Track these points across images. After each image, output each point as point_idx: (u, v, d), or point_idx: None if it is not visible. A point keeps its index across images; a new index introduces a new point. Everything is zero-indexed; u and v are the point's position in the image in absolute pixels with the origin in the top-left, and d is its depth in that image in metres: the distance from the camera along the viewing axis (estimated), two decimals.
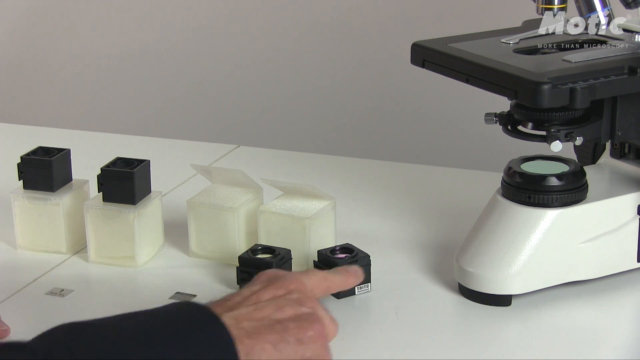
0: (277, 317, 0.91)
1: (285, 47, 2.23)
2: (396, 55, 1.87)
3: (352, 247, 1.14)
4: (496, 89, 1.09)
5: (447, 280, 1.15)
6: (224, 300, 0.93)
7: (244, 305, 0.91)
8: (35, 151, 1.24)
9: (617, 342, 1.06)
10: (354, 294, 1.12)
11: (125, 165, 1.20)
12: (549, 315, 1.08)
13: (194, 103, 2.33)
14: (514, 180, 1.11)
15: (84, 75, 2.40)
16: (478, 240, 1.11)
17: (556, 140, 1.09)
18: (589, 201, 1.11)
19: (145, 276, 1.18)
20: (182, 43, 2.31)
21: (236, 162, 1.50)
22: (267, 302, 0.92)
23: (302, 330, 0.90)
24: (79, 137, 1.64)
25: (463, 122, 2.08)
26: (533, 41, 1.18)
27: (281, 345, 0.89)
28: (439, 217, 1.32)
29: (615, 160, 1.20)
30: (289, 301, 0.93)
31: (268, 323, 0.90)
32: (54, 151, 1.24)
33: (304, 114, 2.24)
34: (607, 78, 1.06)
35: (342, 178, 1.45)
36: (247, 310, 0.91)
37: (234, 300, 0.92)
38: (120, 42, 2.36)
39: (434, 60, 1.17)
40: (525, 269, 1.08)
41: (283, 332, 0.90)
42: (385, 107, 2.18)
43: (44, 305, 1.12)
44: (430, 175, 1.48)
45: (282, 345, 0.89)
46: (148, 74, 2.34)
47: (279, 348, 0.89)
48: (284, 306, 0.92)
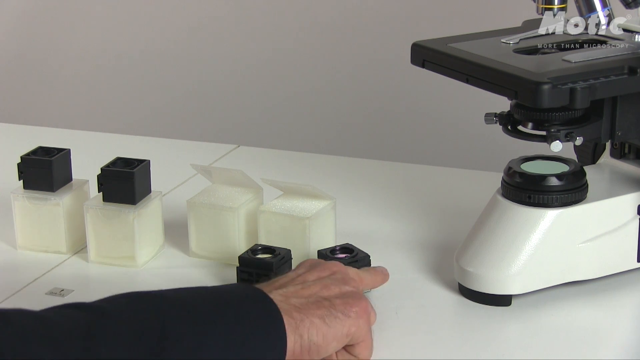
0: (323, 295, 0.97)
1: (285, 47, 2.23)
2: (396, 55, 1.87)
3: (352, 247, 1.14)
4: (496, 89, 1.09)
5: (447, 280, 1.15)
6: (273, 281, 0.99)
7: (291, 285, 0.98)
8: (35, 151, 1.24)
9: (617, 342, 1.06)
10: None
11: (125, 165, 1.20)
12: (549, 315, 1.08)
13: (194, 103, 2.33)
14: (514, 180, 1.11)
15: (84, 75, 2.41)
16: (478, 240, 1.11)
17: (556, 140, 1.09)
18: (589, 201, 1.11)
19: (145, 276, 1.18)
20: (182, 43, 2.31)
21: (236, 162, 1.50)
22: (313, 282, 0.98)
23: (348, 306, 0.96)
24: (79, 137, 1.64)
25: (463, 122, 2.08)
26: (533, 41, 1.18)
27: (329, 319, 0.95)
28: (439, 217, 1.32)
29: (615, 160, 1.20)
30: (333, 280, 0.99)
31: (315, 299, 0.96)
32: (54, 151, 1.24)
33: (304, 114, 2.24)
34: (607, 78, 1.06)
35: (342, 178, 1.45)
36: (295, 288, 0.97)
37: (281, 281, 0.99)
38: (120, 42, 2.36)
39: (434, 60, 1.17)
40: (525, 269, 1.08)
41: (330, 307, 0.95)
42: (385, 107, 2.18)
43: (44, 305, 1.12)
44: (430, 175, 1.48)
45: (330, 318, 0.95)
46: (148, 74, 2.34)
47: (327, 321, 0.94)
48: (329, 284, 0.98)
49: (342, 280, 1.00)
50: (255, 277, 1.10)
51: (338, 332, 0.95)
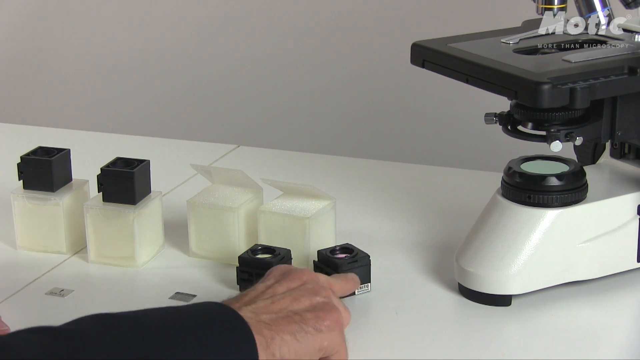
0: (294, 309, 0.94)
1: (285, 47, 2.23)
2: (396, 55, 1.87)
3: (352, 247, 1.14)
4: (496, 89, 1.09)
5: (447, 280, 1.15)
6: (241, 296, 0.96)
7: (260, 299, 0.95)
8: (35, 151, 1.24)
9: (617, 342, 1.06)
10: (354, 294, 1.12)
11: (125, 165, 1.20)
12: (549, 315, 1.08)
13: (194, 103, 2.33)
14: (514, 180, 1.11)
15: (84, 75, 2.40)
16: (478, 240, 1.11)
17: (556, 140, 1.09)
18: (589, 201, 1.11)
19: (145, 276, 1.18)
20: (182, 43, 2.31)
21: (236, 162, 1.50)
22: (282, 295, 0.95)
23: (319, 320, 0.94)
24: (79, 137, 1.64)
25: (463, 122, 2.08)
26: (533, 41, 1.18)
27: (300, 335, 0.92)
28: (439, 217, 1.32)
29: (615, 160, 1.20)
30: (304, 292, 0.96)
31: (286, 314, 0.93)
32: (54, 151, 1.24)
33: (304, 114, 2.24)
34: (607, 78, 1.06)
35: (342, 178, 1.45)
36: (265, 303, 0.94)
37: (250, 295, 0.96)
38: (120, 42, 2.36)
39: (434, 60, 1.17)
40: (525, 269, 1.08)
41: (301, 322, 0.93)
42: (385, 107, 2.18)
43: (44, 305, 1.12)
44: (430, 175, 1.48)
45: (302, 334, 0.92)
46: (148, 74, 2.34)
47: (299, 338, 0.92)
48: (299, 297, 0.95)
49: (312, 290, 0.97)
50: (255, 277, 1.10)
51: (310, 347, 0.93)
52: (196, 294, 1.13)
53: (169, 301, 1.12)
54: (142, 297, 1.14)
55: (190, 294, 1.13)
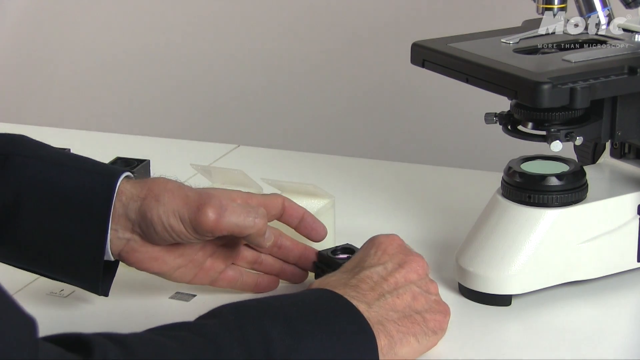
0: (415, 308, 0.96)
1: (285, 47, 2.23)
2: (396, 55, 1.87)
3: (352, 247, 1.14)
4: (496, 89, 1.09)
5: (447, 280, 1.15)
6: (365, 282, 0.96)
7: (387, 294, 0.96)
8: None
9: (617, 342, 1.06)
10: None
11: (125, 165, 1.20)
12: (549, 315, 1.08)
13: (194, 103, 2.32)
14: (514, 180, 1.11)
15: (84, 75, 2.40)
16: (478, 240, 1.11)
17: (556, 140, 1.09)
18: (589, 201, 1.11)
19: (146, 276, 1.18)
20: (182, 43, 2.30)
21: (236, 162, 1.50)
22: (404, 289, 0.97)
23: (437, 323, 0.98)
24: (79, 137, 1.64)
25: (463, 122, 2.08)
26: (533, 41, 1.18)
27: (421, 337, 0.96)
28: (439, 217, 1.32)
29: (615, 160, 1.20)
30: (420, 289, 0.98)
31: (409, 314, 0.96)
32: None
33: (304, 114, 2.24)
34: (607, 78, 1.06)
35: (342, 178, 1.45)
36: (391, 299, 0.95)
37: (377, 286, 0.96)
38: (120, 42, 2.36)
39: (434, 60, 1.17)
40: (525, 269, 1.08)
41: (422, 324, 0.96)
42: (385, 107, 2.18)
43: (44, 305, 1.12)
44: (430, 175, 1.48)
45: (422, 336, 0.96)
46: (148, 74, 2.34)
47: (420, 340, 0.95)
48: (418, 295, 0.98)
49: (426, 287, 1.00)
50: None
51: (427, 348, 0.97)
52: (196, 293, 1.13)
53: (169, 301, 1.12)
54: (142, 297, 1.14)
55: (190, 293, 1.13)
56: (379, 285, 0.97)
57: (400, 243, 1.03)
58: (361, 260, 1.01)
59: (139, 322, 1.08)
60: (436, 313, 0.98)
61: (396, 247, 1.02)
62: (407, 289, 0.97)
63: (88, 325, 1.04)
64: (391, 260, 1.00)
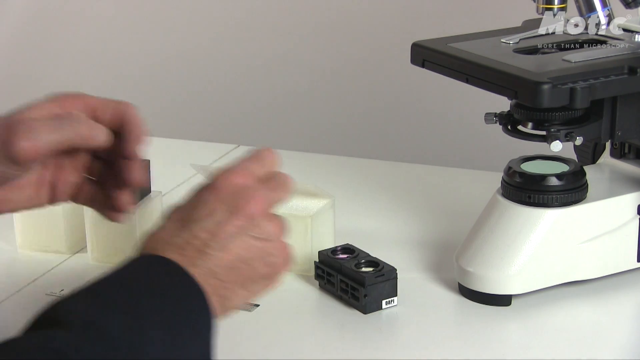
0: (244, 258, 0.90)
1: (285, 47, 2.23)
2: (396, 55, 1.87)
3: (352, 247, 1.14)
4: (496, 89, 1.09)
5: (447, 280, 1.15)
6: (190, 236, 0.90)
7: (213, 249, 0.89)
8: None
9: (617, 342, 1.06)
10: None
11: None
12: (549, 315, 1.08)
13: (194, 103, 2.32)
14: (514, 180, 1.11)
15: (84, 75, 2.40)
16: (478, 240, 1.11)
17: (556, 140, 1.09)
18: (589, 201, 1.11)
19: None
20: (182, 43, 2.31)
21: None
22: (233, 238, 0.90)
23: (269, 267, 0.91)
24: None
25: (463, 122, 2.08)
26: (533, 41, 1.18)
27: (250, 285, 0.90)
28: (439, 217, 1.32)
29: (615, 160, 1.20)
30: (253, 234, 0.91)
31: (237, 265, 0.90)
32: None
33: (304, 114, 2.24)
34: (607, 78, 1.06)
35: (342, 178, 1.45)
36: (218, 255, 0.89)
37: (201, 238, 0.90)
38: (120, 42, 2.36)
39: (434, 60, 1.17)
40: (525, 269, 1.08)
41: (252, 274, 0.90)
42: (385, 107, 2.18)
43: (44, 305, 1.12)
44: (430, 175, 1.48)
45: (251, 285, 0.90)
46: (148, 74, 2.34)
47: (249, 288, 0.90)
48: (250, 244, 0.91)
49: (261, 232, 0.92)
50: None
51: (258, 294, 0.92)
52: None
53: None
54: None
55: None
56: (206, 244, 0.90)
57: (239, 182, 0.93)
58: (193, 208, 0.92)
59: None
60: (268, 256, 0.92)
61: (231, 188, 0.93)
62: (236, 237, 0.90)
63: None
64: (222, 207, 0.91)
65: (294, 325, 1.08)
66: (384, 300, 1.09)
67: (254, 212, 0.92)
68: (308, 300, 1.13)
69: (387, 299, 1.09)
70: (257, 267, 0.91)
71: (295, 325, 1.08)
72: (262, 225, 0.92)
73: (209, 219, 0.91)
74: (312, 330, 1.08)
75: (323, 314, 1.11)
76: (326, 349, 1.03)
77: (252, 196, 0.92)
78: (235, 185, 0.93)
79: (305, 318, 1.10)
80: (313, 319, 1.10)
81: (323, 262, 1.13)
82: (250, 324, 1.07)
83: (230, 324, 1.07)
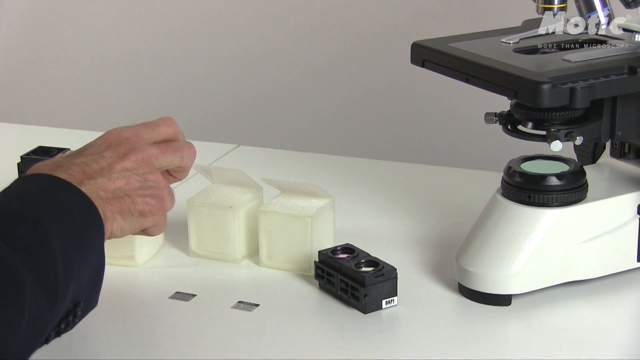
0: (126, 190, 1.03)
1: (285, 47, 2.23)
2: (396, 55, 1.87)
3: (352, 247, 1.14)
4: (496, 88, 1.09)
5: (447, 280, 1.15)
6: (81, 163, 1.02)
7: (100, 176, 1.02)
8: (35, 151, 1.24)
9: (617, 342, 1.06)
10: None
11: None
12: (549, 315, 1.08)
13: (194, 103, 2.33)
14: (514, 180, 1.11)
15: (84, 75, 2.40)
16: (478, 240, 1.11)
17: (556, 140, 1.09)
18: (589, 201, 1.11)
19: (145, 276, 1.18)
20: (182, 43, 2.31)
21: (236, 162, 1.50)
22: (118, 175, 1.03)
23: (147, 206, 1.04)
24: (79, 137, 1.63)
25: (463, 122, 2.08)
26: (533, 41, 1.18)
27: (127, 217, 1.02)
28: (439, 216, 1.32)
29: (615, 160, 1.20)
30: (137, 175, 1.04)
31: (119, 195, 1.02)
32: (53, 151, 1.24)
33: (304, 114, 2.25)
34: (607, 78, 1.06)
35: (342, 178, 1.45)
36: (103, 181, 1.02)
37: (91, 167, 1.02)
38: (119, 41, 2.36)
39: (434, 60, 1.17)
40: (525, 269, 1.08)
41: (130, 205, 1.03)
42: (385, 107, 2.18)
43: None
44: (430, 175, 1.48)
45: (129, 216, 1.02)
46: (148, 74, 2.34)
47: (126, 219, 1.02)
48: (132, 181, 1.03)
49: (144, 175, 1.04)
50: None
51: (134, 228, 1.04)
52: (196, 293, 1.13)
53: (169, 301, 1.12)
54: (142, 296, 1.14)
55: (190, 293, 1.13)
56: (94, 172, 1.02)
57: (128, 136, 1.06)
58: (84, 149, 1.05)
59: (139, 322, 1.08)
60: (148, 197, 1.04)
61: (122, 140, 1.05)
62: (121, 175, 1.03)
63: (88, 325, 1.04)
64: (112, 152, 1.05)
65: (294, 325, 1.08)
66: (384, 300, 1.09)
67: (141, 160, 1.05)
68: (308, 300, 1.13)
69: (387, 298, 1.10)
70: (136, 202, 1.03)
71: (295, 325, 1.08)
72: (146, 173, 1.05)
73: (97, 155, 1.04)
74: (312, 330, 1.08)
75: (323, 314, 1.11)
76: (326, 349, 1.03)
77: (138, 148, 1.05)
78: (124, 138, 1.06)
79: (305, 318, 1.10)
80: (313, 319, 1.10)
81: (323, 262, 1.13)
82: (250, 324, 1.07)
83: (231, 324, 1.08)
